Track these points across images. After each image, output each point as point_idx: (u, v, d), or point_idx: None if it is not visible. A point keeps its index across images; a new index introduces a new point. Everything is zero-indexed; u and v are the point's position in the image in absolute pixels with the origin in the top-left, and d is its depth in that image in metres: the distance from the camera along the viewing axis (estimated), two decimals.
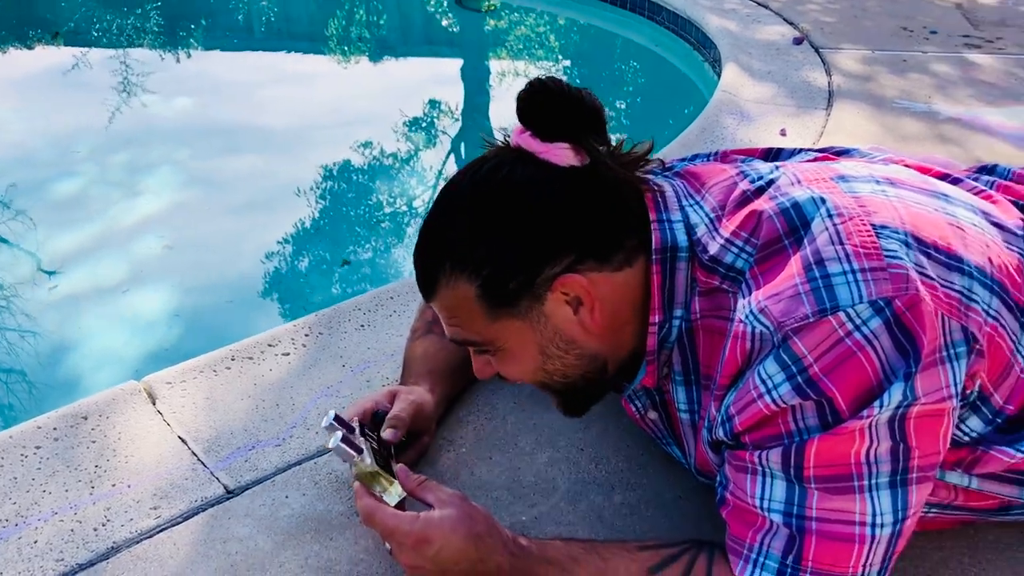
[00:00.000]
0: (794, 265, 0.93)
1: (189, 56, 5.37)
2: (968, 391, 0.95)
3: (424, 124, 4.28)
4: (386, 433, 1.22)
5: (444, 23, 6.57)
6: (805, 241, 0.94)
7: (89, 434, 1.38)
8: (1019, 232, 1.07)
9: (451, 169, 3.77)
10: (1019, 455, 1.00)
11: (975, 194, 1.14)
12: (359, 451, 1.12)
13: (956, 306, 0.91)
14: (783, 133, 2.56)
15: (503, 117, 4.19)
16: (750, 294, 0.95)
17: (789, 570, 0.93)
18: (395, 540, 1.04)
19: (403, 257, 3.02)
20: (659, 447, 1.32)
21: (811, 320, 0.89)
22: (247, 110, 4.19)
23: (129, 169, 3.59)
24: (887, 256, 0.91)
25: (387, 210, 3.44)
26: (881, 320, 0.88)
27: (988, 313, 0.94)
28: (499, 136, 1.06)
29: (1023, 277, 1.01)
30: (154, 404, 1.44)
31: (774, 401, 0.91)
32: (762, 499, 0.94)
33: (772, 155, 1.24)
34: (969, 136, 2.56)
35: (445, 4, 6.74)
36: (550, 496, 1.26)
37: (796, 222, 0.96)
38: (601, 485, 1.27)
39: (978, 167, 1.33)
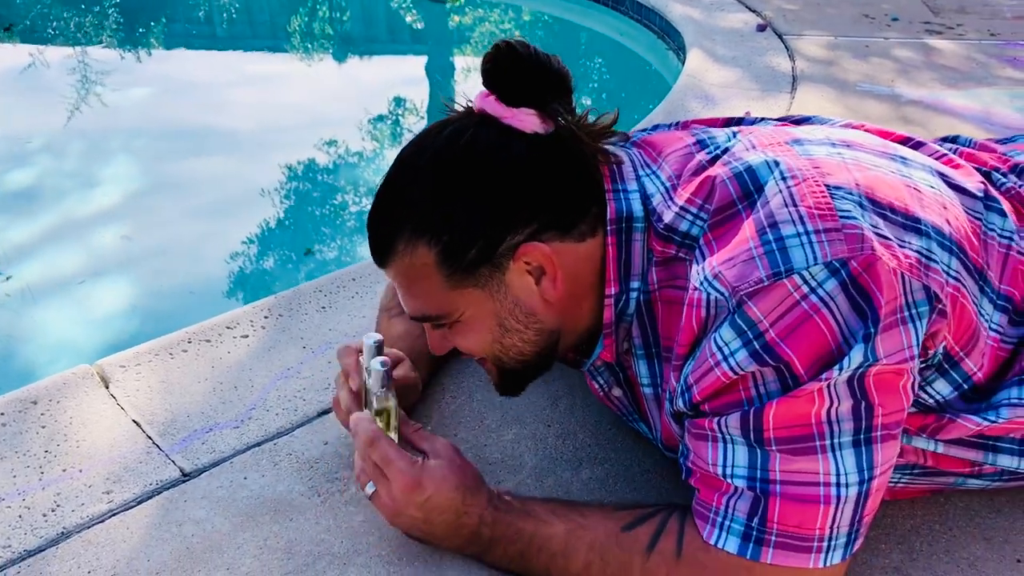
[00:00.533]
0: (747, 229, 0.91)
1: (150, 54, 5.28)
2: (931, 351, 0.93)
3: (389, 120, 4.24)
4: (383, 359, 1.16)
5: (408, 19, 6.53)
6: (758, 204, 0.92)
7: (39, 419, 1.33)
8: (979, 195, 1.05)
9: None
10: (985, 423, 0.99)
11: (936, 158, 1.13)
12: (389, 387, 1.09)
13: (916, 265, 0.89)
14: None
15: None
16: (704, 260, 0.93)
17: (755, 532, 0.91)
18: (390, 474, 1.02)
19: (366, 247, 2.97)
20: (626, 423, 1.30)
21: (765, 284, 0.87)
22: (209, 106, 4.12)
23: (86, 161, 3.51)
24: (842, 217, 0.89)
25: (351, 205, 3.40)
26: (837, 281, 0.86)
27: (948, 274, 0.93)
28: (462, 102, 1.03)
29: (980, 241, 1.00)
30: (107, 388, 1.40)
31: (731, 368, 0.89)
32: (724, 466, 0.92)
33: (733, 124, 1.22)
34: (932, 117, 2.57)
35: (410, 0, 6.69)
36: (517, 473, 1.23)
37: (750, 186, 0.94)
38: (568, 461, 1.25)
39: (940, 138, 1.32)
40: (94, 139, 3.73)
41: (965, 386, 1.00)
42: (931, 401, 0.99)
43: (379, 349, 1.10)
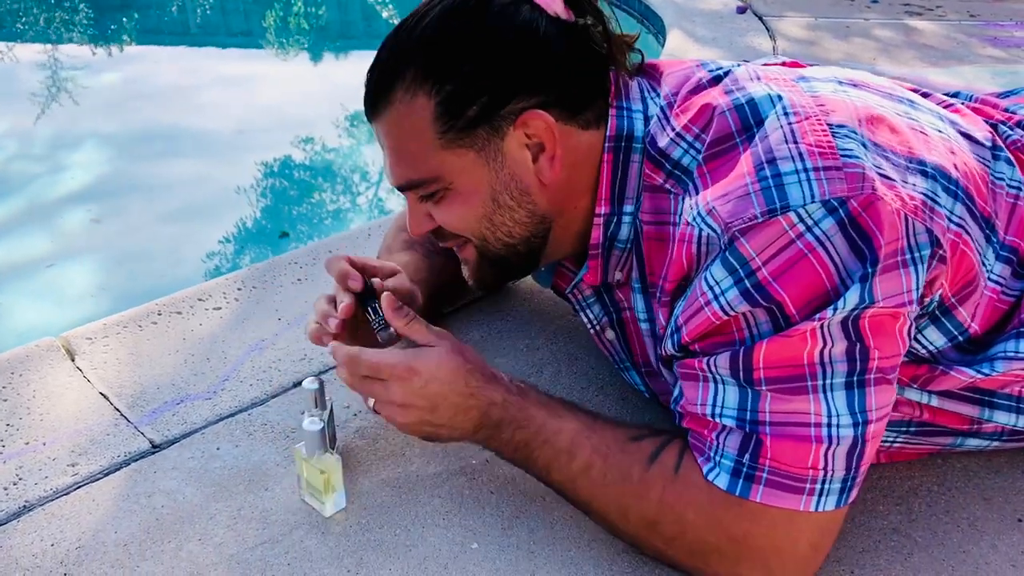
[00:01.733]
0: (744, 164, 0.87)
1: (122, 50, 5.20)
2: (927, 299, 0.90)
3: (363, 119, 4.18)
4: (390, 282, 1.14)
5: (385, 14, 6.47)
6: (757, 138, 0.89)
7: (0, 392, 1.27)
8: (987, 144, 1.02)
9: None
10: (978, 376, 0.96)
11: (944, 107, 1.10)
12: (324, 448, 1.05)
13: (920, 207, 0.86)
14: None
15: None
16: (697, 194, 0.90)
17: (745, 468, 0.87)
18: (384, 374, 0.97)
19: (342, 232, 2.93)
20: (614, 388, 1.26)
21: (759, 220, 0.83)
22: (181, 101, 4.05)
23: (57, 156, 3.44)
24: (843, 155, 0.85)
25: (325, 190, 3.34)
26: (834, 220, 0.82)
27: (951, 219, 0.89)
28: None
29: (988, 190, 0.97)
30: (73, 360, 1.34)
31: (722, 308, 0.86)
32: (714, 406, 0.89)
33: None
34: None
35: None
36: None
37: (750, 119, 0.91)
38: None
39: (940, 94, 1.29)
40: (65, 134, 3.67)
41: (960, 337, 0.96)
42: (923, 351, 0.96)
43: (320, 392, 1.06)
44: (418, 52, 0.95)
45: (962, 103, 1.22)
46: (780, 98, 0.91)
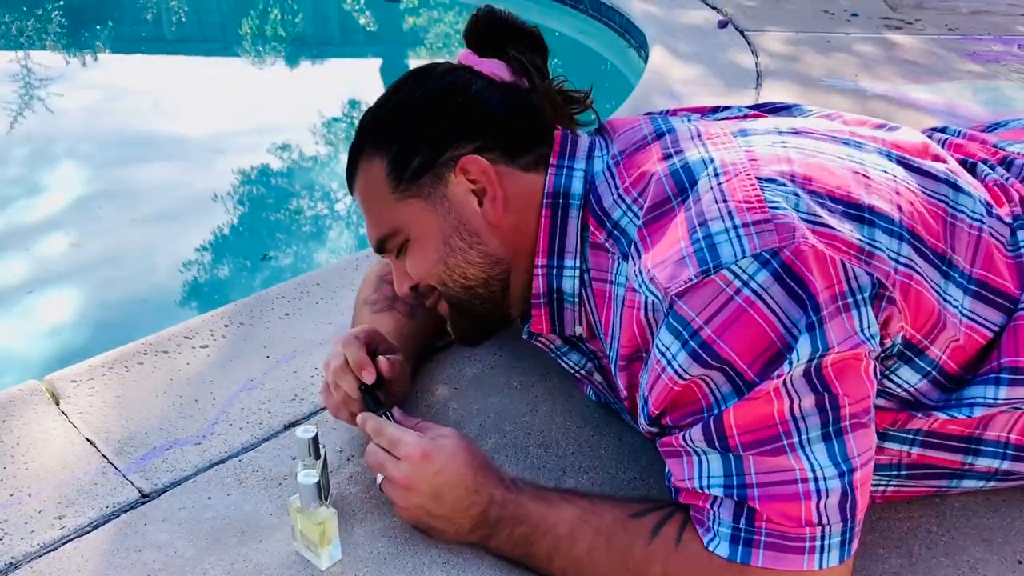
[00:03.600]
0: (679, 228, 0.89)
1: (96, 58, 5.13)
2: (887, 340, 0.90)
3: (343, 123, 4.15)
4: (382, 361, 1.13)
5: (362, 21, 6.44)
6: (690, 201, 0.91)
7: None
8: (944, 178, 1.02)
9: None
10: (961, 417, 0.96)
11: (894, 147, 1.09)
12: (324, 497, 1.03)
13: (855, 253, 0.87)
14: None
15: None
16: (639, 259, 0.92)
17: (743, 533, 0.87)
18: (400, 451, 1.01)
19: (327, 254, 2.91)
20: (610, 428, 1.26)
21: (694, 282, 0.85)
22: (157, 111, 3.99)
23: (32, 168, 3.38)
24: (771, 207, 0.87)
25: (308, 209, 3.31)
26: (768, 272, 0.83)
27: (898, 261, 0.90)
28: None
29: (945, 225, 0.97)
30: (58, 404, 1.31)
31: (676, 372, 0.86)
32: (700, 478, 0.90)
33: (720, 111, 1.19)
34: (897, 111, 2.56)
35: (363, 1, 6.61)
36: None
37: (684, 182, 0.93)
38: (551, 470, 1.19)
39: (929, 129, 1.29)
40: (39, 145, 3.60)
41: (935, 372, 0.96)
42: (900, 391, 0.96)
43: (314, 441, 1.05)
44: (371, 126, 1.08)
45: (947, 140, 1.22)
46: (712, 160, 0.94)
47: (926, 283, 0.92)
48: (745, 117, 1.15)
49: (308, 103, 4.18)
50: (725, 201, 0.88)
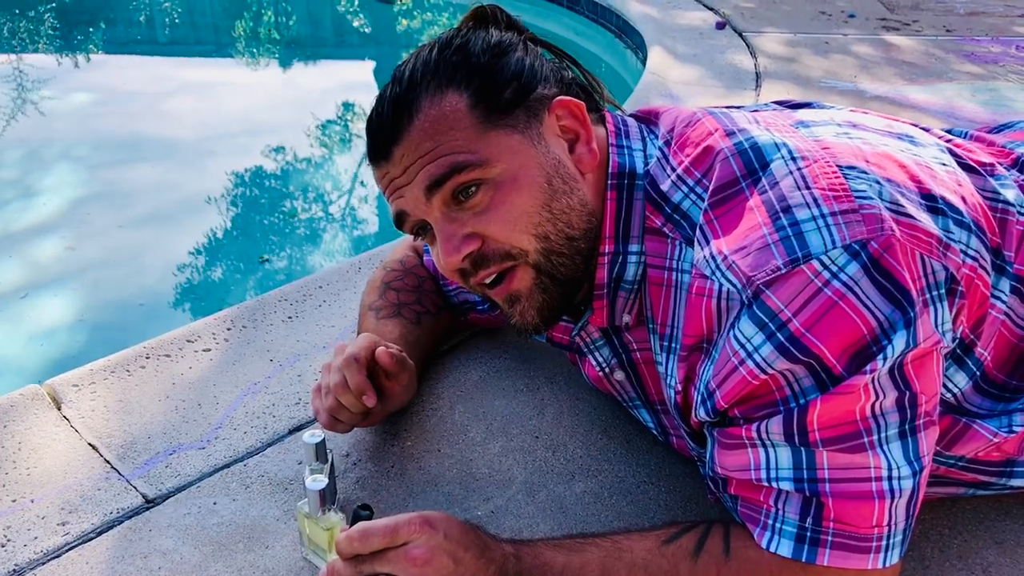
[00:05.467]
0: (758, 213, 0.85)
1: (89, 60, 5.11)
2: (955, 332, 0.88)
3: (338, 125, 4.14)
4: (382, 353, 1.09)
5: (356, 23, 6.43)
6: (765, 184, 0.86)
7: None
8: (989, 173, 1.01)
9: (367, 170, 3.64)
10: (1000, 434, 0.95)
11: (944, 141, 1.09)
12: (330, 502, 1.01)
13: (935, 245, 0.85)
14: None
15: None
16: (708, 244, 0.87)
17: (809, 532, 0.85)
18: (401, 535, 0.86)
19: (322, 256, 2.90)
20: (618, 430, 1.24)
21: (783, 271, 0.81)
22: (151, 113, 3.98)
23: (26, 171, 3.36)
24: (858, 197, 0.83)
25: (302, 211, 3.29)
26: (858, 264, 0.80)
27: (967, 253, 0.88)
28: None
29: (996, 220, 0.96)
30: (59, 409, 1.29)
31: (758, 365, 0.82)
32: (768, 470, 0.86)
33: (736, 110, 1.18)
34: (897, 112, 2.55)
35: (357, 3, 6.60)
36: (507, 488, 1.16)
37: (754, 163, 0.88)
38: (560, 474, 1.18)
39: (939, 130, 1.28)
40: (33, 148, 3.58)
41: (977, 373, 0.95)
42: (948, 394, 0.95)
43: (321, 445, 1.04)
44: (431, 72, 0.93)
45: (953, 141, 1.21)
46: (784, 143, 0.89)
47: (987, 276, 0.91)
48: (775, 110, 1.13)
49: (303, 105, 4.17)
50: (808, 188, 0.84)
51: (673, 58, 3.06)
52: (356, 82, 4.86)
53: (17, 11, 5.98)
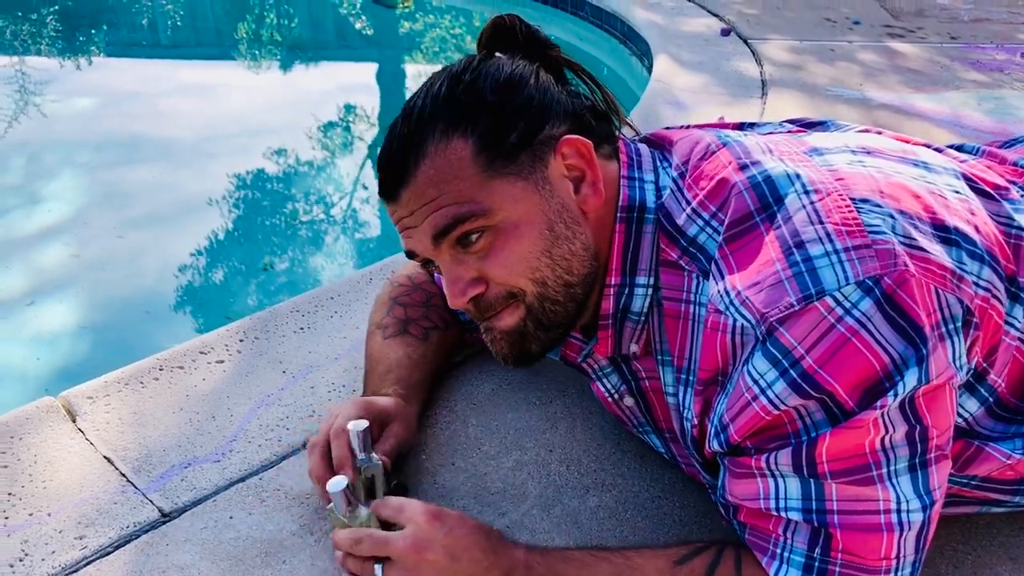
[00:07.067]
0: (772, 249, 0.85)
1: (91, 62, 5.11)
2: (969, 364, 0.88)
3: (339, 128, 4.14)
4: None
5: (358, 25, 6.44)
6: (779, 219, 0.87)
7: None
8: (1002, 198, 1.01)
9: (368, 173, 3.65)
10: (1014, 455, 0.95)
11: (959, 163, 1.09)
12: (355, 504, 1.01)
13: (949, 278, 0.85)
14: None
15: None
16: (722, 279, 0.87)
17: (817, 563, 0.85)
18: (403, 518, 0.93)
19: (324, 260, 2.90)
20: (631, 444, 1.25)
21: (796, 308, 0.81)
22: (151, 116, 3.98)
23: (30, 175, 3.36)
24: (871, 232, 0.83)
25: (304, 214, 3.29)
26: (871, 300, 0.80)
27: (979, 284, 0.88)
28: None
29: (1010, 246, 0.96)
30: (74, 421, 1.30)
31: (771, 401, 0.83)
32: (776, 500, 0.87)
33: (746, 128, 1.18)
34: (904, 121, 2.56)
35: (359, 6, 6.60)
36: (521, 502, 1.16)
37: (768, 197, 0.89)
38: (574, 488, 1.18)
39: (944, 146, 1.28)
40: (35, 152, 3.58)
41: (991, 399, 0.95)
42: (960, 421, 0.95)
43: (366, 436, 1.04)
44: (438, 113, 0.93)
45: (970, 156, 1.21)
46: (798, 176, 0.89)
47: (1000, 306, 0.91)
48: (789, 133, 1.13)
49: (305, 109, 4.17)
50: (822, 222, 0.84)
51: (679, 65, 3.07)
52: (358, 85, 4.87)
53: (20, 13, 5.98)
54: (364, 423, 1.03)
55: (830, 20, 3.64)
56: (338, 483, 0.98)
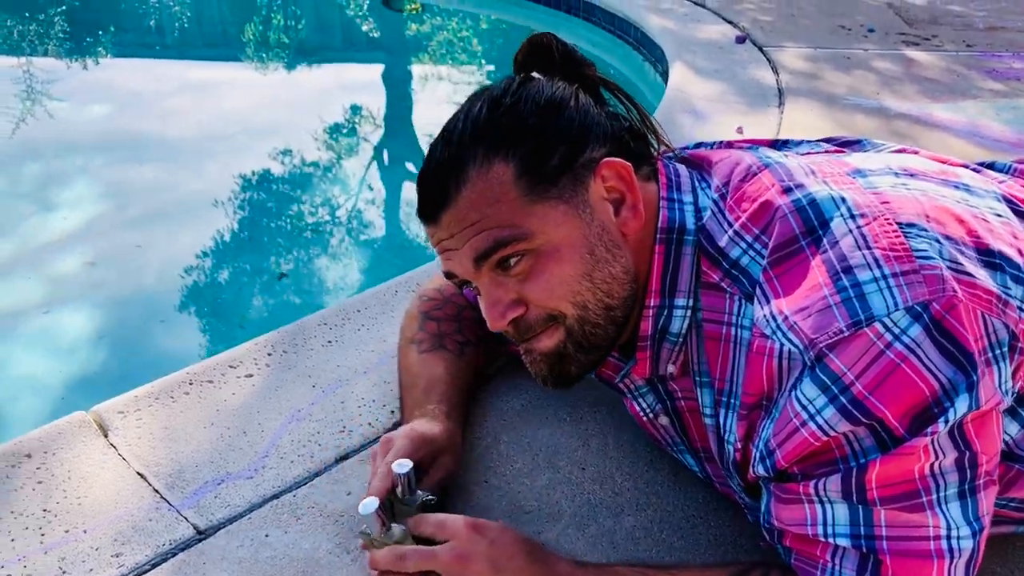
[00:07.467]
0: (819, 273, 0.85)
1: (98, 63, 5.12)
2: (1014, 389, 0.88)
3: (346, 130, 4.14)
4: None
5: (365, 27, 6.44)
6: (826, 243, 0.86)
7: (34, 474, 1.23)
8: None
9: (374, 175, 3.65)
10: None
11: (998, 184, 1.09)
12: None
13: (995, 303, 0.84)
14: (740, 131, 2.51)
15: (426, 121, 4.08)
16: (768, 303, 0.87)
17: None
18: (446, 533, 0.94)
19: (340, 267, 2.90)
20: (664, 462, 1.24)
21: (846, 334, 0.81)
22: (166, 121, 3.98)
23: (41, 184, 3.36)
24: (919, 257, 0.83)
25: (316, 220, 3.29)
26: (921, 326, 0.80)
27: (1021, 308, 0.88)
28: None
29: None
30: (106, 437, 1.30)
31: (820, 428, 0.83)
32: (825, 525, 0.86)
33: (780, 145, 1.18)
34: (922, 131, 2.56)
35: (366, 8, 6.61)
36: (556, 522, 1.16)
37: (813, 221, 0.88)
38: (608, 508, 1.18)
39: (975, 164, 1.28)
40: (47, 157, 3.58)
41: None
42: (1002, 444, 0.95)
43: (410, 477, 1.03)
44: (479, 136, 0.94)
45: (1005, 176, 1.20)
46: (844, 200, 0.89)
47: None
48: (827, 153, 1.13)
49: (311, 111, 4.17)
50: (869, 247, 0.84)
51: (695, 73, 3.06)
52: (365, 87, 4.87)
53: (27, 14, 5.99)
54: (408, 464, 1.02)
55: (844, 27, 3.64)
56: (369, 505, 0.98)
